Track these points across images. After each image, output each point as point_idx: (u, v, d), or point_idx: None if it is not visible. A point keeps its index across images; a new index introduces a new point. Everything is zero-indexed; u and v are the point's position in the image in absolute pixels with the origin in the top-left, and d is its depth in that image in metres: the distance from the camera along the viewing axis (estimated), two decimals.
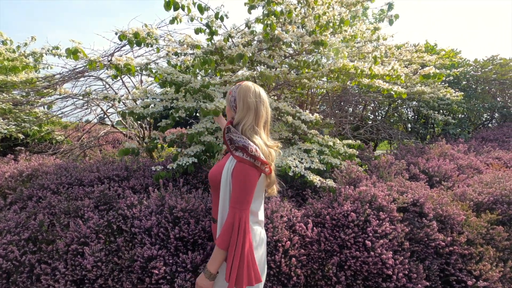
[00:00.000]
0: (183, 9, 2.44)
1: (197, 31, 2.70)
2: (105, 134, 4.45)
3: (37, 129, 4.15)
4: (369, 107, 6.02)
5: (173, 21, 2.60)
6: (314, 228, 1.90)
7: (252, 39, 2.89)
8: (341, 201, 2.01)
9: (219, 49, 2.62)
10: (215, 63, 2.55)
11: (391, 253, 1.75)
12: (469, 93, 6.00)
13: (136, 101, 3.03)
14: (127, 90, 3.65)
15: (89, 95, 3.28)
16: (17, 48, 4.50)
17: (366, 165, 2.92)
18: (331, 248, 1.83)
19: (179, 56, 2.78)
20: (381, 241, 1.77)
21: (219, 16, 2.55)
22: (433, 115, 4.99)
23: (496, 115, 6.54)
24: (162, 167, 2.24)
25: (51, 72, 4.18)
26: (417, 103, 5.54)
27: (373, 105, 5.94)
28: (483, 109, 6.11)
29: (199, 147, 2.29)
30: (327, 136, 2.89)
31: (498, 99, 6.43)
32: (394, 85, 3.03)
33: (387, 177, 2.58)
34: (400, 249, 1.86)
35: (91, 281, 1.68)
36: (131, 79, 3.78)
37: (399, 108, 6.30)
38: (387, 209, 1.96)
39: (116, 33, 2.41)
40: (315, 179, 2.17)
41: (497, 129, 5.62)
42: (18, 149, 4.14)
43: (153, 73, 2.55)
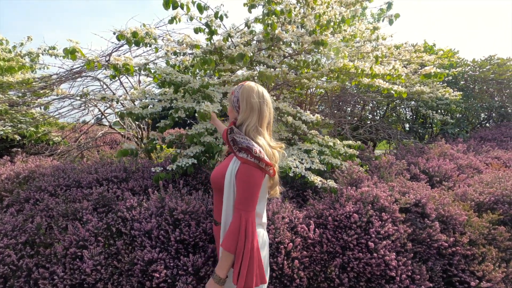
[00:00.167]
0: (182, 8, 2.42)
1: (196, 31, 2.68)
2: (102, 135, 4.40)
3: (34, 130, 4.09)
4: (367, 107, 6.02)
5: (172, 20, 2.58)
6: (316, 229, 1.88)
7: (251, 39, 2.87)
8: (343, 202, 1.99)
9: (219, 49, 2.59)
10: (214, 63, 2.53)
11: (394, 254, 1.74)
12: (467, 93, 6.03)
13: (134, 102, 3.00)
14: (125, 90, 3.61)
15: (87, 96, 3.23)
16: (13, 48, 4.43)
17: (366, 166, 2.91)
18: (334, 249, 1.82)
19: (178, 55, 2.76)
20: (384, 242, 1.75)
21: (219, 15, 2.52)
22: (431, 115, 4.99)
23: (493, 115, 6.56)
24: (161, 168, 2.21)
25: (47, 72, 4.12)
26: (415, 103, 5.55)
27: (372, 105, 5.94)
28: (481, 108, 6.14)
29: (199, 148, 2.27)
30: (327, 136, 2.87)
31: (495, 98, 6.46)
32: (393, 85, 3.03)
33: (388, 177, 2.57)
34: (403, 250, 1.84)
35: (90, 285, 1.65)
36: (129, 80, 3.74)
37: (397, 108, 6.30)
38: (389, 209, 1.95)
39: (114, 33, 2.38)
40: (316, 179, 2.16)
41: (495, 128, 5.64)
42: (14, 150, 4.09)
43: (152, 73, 2.53)
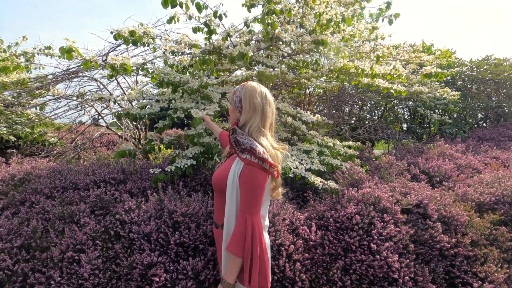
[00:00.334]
0: (181, 7, 2.38)
1: (195, 30, 2.64)
2: (99, 135, 4.35)
3: (29, 131, 4.03)
4: (365, 107, 6.02)
5: (171, 20, 2.54)
6: (317, 231, 1.85)
7: (250, 39, 2.84)
8: (344, 203, 1.97)
9: (217, 48, 2.56)
10: (213, 63, 2.50)
11: (396, 256, 1.72)
12: (465, 93, 6.05)
13: (131, 102, 2.96)
14: (122, 90, 3.57)
15: (83, 96, 3.20)
16: (8, 48, 4.37)
17: (367, 166, 2.89)
18: (336, 251, 1.79)
19: (176, 55, 2.72)
20: (386, 244, 1.73)
21: (218, 14, 2.49)
22: (429, 115, 5.00)
23: (490, 115, 6.59)
24: (160, 170, 2.18)
25: (43, 72, 4.06)
26: (413, 103, 5.56)
27: (370, 105, 5.94)
28: (478, 108, 6.16)
29: (198, 148, 2.23)
30: (326, 137, 2.85)
31: (493, 98, 6.49)
32: (392, 84, 3.02)
33: (388, 178, 2.55)
34: (405, 252, 1.83)
35: None
36: (126, 80, 3.70)
37: (395, 108, 6.31)
38: (391, 211, 1.93)
39: (111, 32, 2.34)
40: (317, 180, 2.13)
41: (493, 128, 5.67)
42: (9, 151, 4.03)
43: (149, 73, 2.49)
